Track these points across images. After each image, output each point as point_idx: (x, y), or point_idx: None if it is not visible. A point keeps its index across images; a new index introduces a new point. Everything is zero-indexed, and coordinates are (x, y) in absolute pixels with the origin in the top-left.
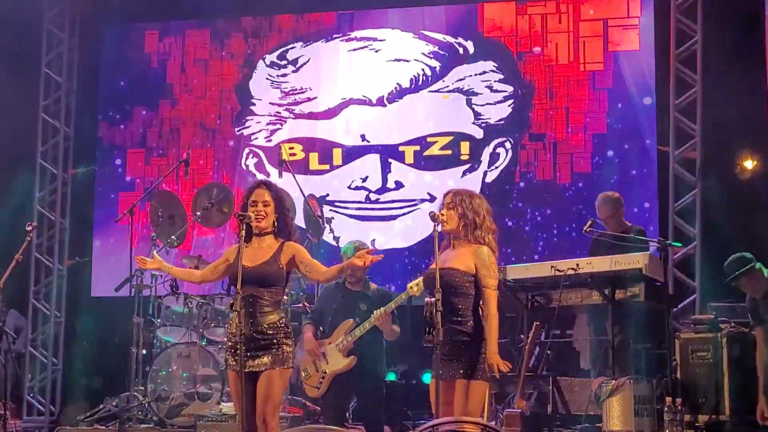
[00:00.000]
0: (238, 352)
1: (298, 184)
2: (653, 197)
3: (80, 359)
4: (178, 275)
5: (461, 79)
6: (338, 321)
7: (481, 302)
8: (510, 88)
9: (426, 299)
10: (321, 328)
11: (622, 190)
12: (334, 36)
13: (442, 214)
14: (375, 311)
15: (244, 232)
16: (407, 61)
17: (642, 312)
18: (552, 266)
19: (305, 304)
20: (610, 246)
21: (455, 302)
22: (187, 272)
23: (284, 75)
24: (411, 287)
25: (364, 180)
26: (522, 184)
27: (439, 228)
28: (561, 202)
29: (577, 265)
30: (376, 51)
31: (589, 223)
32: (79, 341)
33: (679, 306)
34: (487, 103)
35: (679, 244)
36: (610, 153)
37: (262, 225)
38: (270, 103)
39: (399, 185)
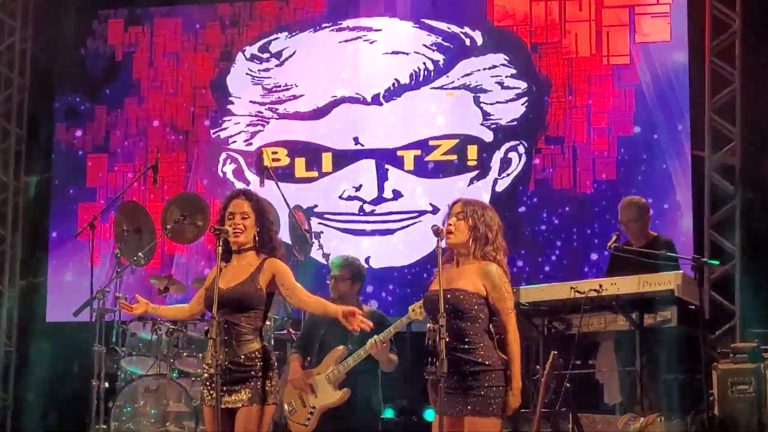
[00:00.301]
0: (213, 385)
1: (283, 194)
2: (687, 208)
3: (33, 393)
4: (168, 314)
5: (468, 74)
6: (328, 349)
7: (490, 326)
8: (523, 85)
9: (428, 325)
10: (308, 357)
11: (650, 200)
12: (324, 25)
13: (450, 225)
14: (370, 338)
15: (221, 248)
16: (406, 53)
17: (674, 339)
18: (572, 287)
19: (290, 330)
20: (633, 261)
21: (463, 327)
22: (176, 309)
23: (266, 69)
24: (412, 310)
25: (358, 189)
26: (537, 194)
27: (443, 243)
28: (581, 214)
29: (600, 286)
30: (371, 42)
31: (614, 237)
32: (32, 373)
33: (717, 333)
34: (498, 102)
35: (717, 262)
36: (637, 158)
37: (240, 240)
38: (250, 101)
39: (397, 195)
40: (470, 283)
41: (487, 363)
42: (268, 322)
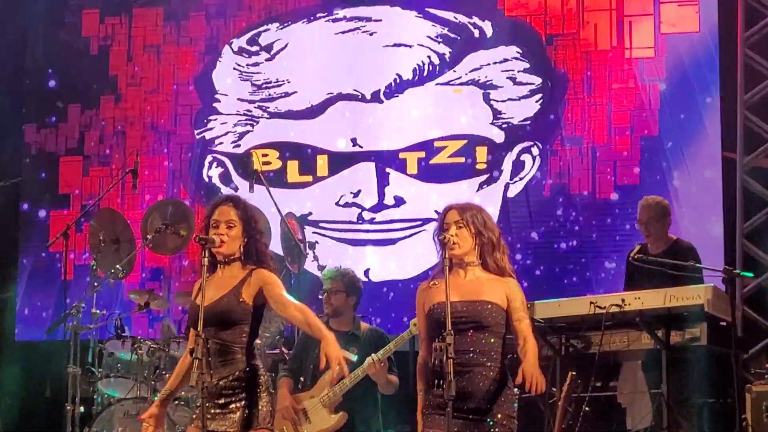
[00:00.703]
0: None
1: (274, 201)
2: (717, 216)
3: (1, 420)
4: (179, 380)
5: (477, 69)
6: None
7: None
8: (538, 80)
9: (434, 344)
10: (302, 378)
11: (677, 206)
12: (318, 15)
13: (452, 236)
14: (368, 357)
15: (206, 260)
16: (409, 46)
17: (704, 359)
18: (591, 302)
19: (283, 349)
20: (653, 271)
21: (485, 343)
22: (180, 366)
23: (256, 64)
24: (414, 325)
25: (356, 195)
26: (552, 200)
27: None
28: (602, 223)
29: (623, 300)
30: (371, 34)
31: (637, 248)
32: None
33: (751, 351)
34: (510, 99)
35: (751, 275)
36: (662, 161)
37: (224, 251)
38: (238, 99)
39: (399, 201)
40: (497, 296)
41: (504, 379)
42: (258, 341)
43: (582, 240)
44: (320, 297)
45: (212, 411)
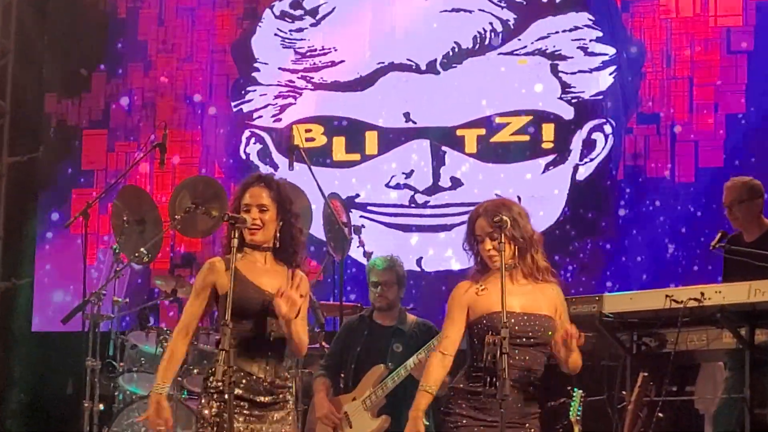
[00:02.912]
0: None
1: (317, 181)
2: None
3: (15, 416)
4: (173, 369)
5: (544, 38)
6: (364, 368)
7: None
8: (611, 51)
9: (487, 338)
10: (343, 375)
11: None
12: None
13: (490, 249)
14: (413, 356)
15: (236, 240)
16: (469, 11)
17: None
18: (667, 295)
19: (323, 344)
20: (749, 263)
21: (536, 357)
22: (171, 357)
23: (299, 30)
24: None
25: (408, 175)
26: (627, 184)
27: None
28: (682, 209)
29: (702, 294)
30: None
31: (719, 235)
32: (13, 392)
33: None
34: (580, 71)
35: None
36: (750, 141)
37: (257, 239)
38: (280, 68)
39: (456, 183)
40: (551, 308)
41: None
42: None
43: (659, 228)
44: (372, 289)
45: (256, 412)
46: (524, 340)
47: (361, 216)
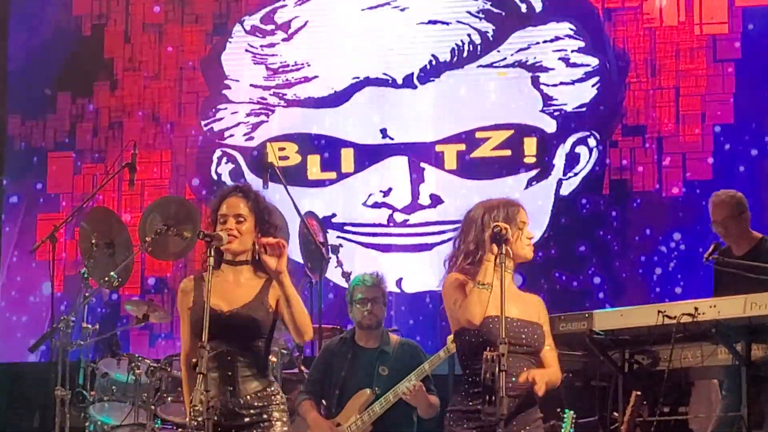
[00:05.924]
0: None
1: (292, 200)
2: None
3: None
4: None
5: (524, 49)
6: (349, 393)
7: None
8: (594, 61)
9: (485, 354)
10: (324, 401)
11: (756, 204)
12: None
13: (529, 238)
14: (403, 381)
15: (212, 259)
16: (446, 23)
17: None
18: (659, 311)
19: (302, 368)
20: (740, 276)
21: (531, 366)
22: (187, 390)
23: (271, 45)
24: (451, 341)
25: (386, 193)
26: (612, 198)
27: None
28: (669, 224)
29: (696, 309)
30: (402, 9)
31: (712, 247)
32: None
33: None
34: (562, 83)
35: None
36: (738, 152)
37: (234, 247)
38: (251, 85)
39: (436, 201)
40: (536, 315)
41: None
42: (274, 358)
43: (646, 242)
44: (359, 306)
45: None
46: (518, 347)
47: (338, 236)
